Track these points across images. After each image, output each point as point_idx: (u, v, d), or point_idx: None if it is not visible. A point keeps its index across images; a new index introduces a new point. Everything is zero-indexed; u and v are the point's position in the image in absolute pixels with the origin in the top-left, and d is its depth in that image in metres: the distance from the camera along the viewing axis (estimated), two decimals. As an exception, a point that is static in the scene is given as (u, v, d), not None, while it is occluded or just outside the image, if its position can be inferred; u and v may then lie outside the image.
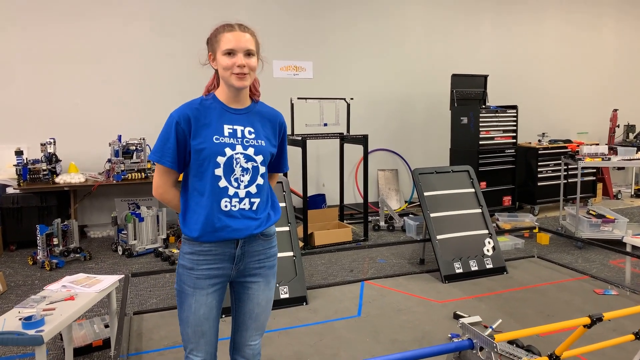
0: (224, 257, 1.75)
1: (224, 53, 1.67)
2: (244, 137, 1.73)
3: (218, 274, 1.75)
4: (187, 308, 1.76)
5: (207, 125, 1.70)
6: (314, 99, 5.80)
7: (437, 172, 4.58)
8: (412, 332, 3.17)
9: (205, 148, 1.67)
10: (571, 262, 4.60)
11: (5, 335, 2.09)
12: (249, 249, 1.78)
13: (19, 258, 4.90)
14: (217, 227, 1.69)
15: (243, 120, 1.76)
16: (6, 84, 5.53)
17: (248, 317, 1.85)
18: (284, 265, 3.71)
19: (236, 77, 1.67)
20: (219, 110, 1.74)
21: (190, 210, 1.74)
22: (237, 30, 1.69)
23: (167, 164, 1.70)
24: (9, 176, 5.23)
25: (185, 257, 1.75)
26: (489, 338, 1.64)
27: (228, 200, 1.70)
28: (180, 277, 1.77)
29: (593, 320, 1.92)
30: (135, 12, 5.92)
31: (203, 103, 1.74)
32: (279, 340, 3.06)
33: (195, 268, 1.73)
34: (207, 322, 1.77)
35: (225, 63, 1.67)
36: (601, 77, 8.78)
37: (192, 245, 1.73)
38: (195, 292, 1.74)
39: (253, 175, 1.73)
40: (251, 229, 1.74)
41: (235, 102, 1.76)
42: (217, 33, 1.71)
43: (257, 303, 1.84)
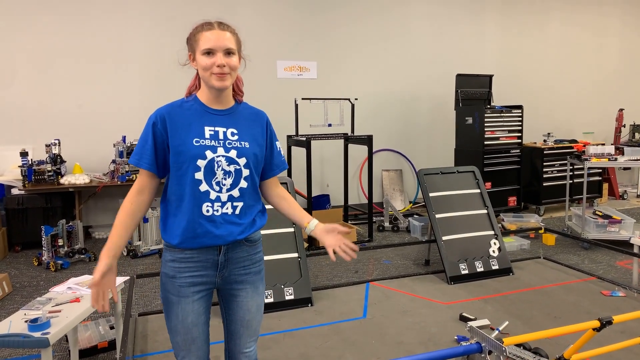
0: (207, 264, 1.68)
1: (203, 53, 1.61)
2: (226, 139, 1.66)
3: (202, 282, 1.69)
4: (174, 317, 1.69)
5: (186, 127, 1.63)
6: (318, 100, 5.79)
7: (442, 172, 4.56)
8: (418, 334, 3.15)
9: (185, 151, 1.60)
10: (578, 263, 4.57)
11: (12, 337, 2.09)
12: (233, 256, 1.71)
13: (24, 259, 4.91)
14: (199, 232, 1.62)
15: (225, 122, 1.69)
16: (11, 85, 5.54)
17: (240, 325, 1.78)
18: (288, 266, 3.70)
19: (216, 77, 1.61)
20: (200, 112, 1.67)
21: (170, 216, 1.67)
22: (217, 28, 1.62)
23: (145, 166, 1.63)
24: (14, 177, 5.25)
25: (167, 265, 1.68)
26: (498, 342, 1.62)
27: (210, 205, 1.62)
28: (163, 286, 1.70)
29: (602, 324, 1.90)
30: (140, 13, 5.93)
31: (183, 105, 1.68)
32: (284, 342, 3.05)
33: (178, 276, 1.66)
34: (196, 329, 1.71)
35: (205, 63, 1.60)
36: (606, 77, 8.73)
37: (174, 252, 1.67)
38: (181, 301, 1.67)
39: (236, 178, 1.66)
40: (234, 234, 1.67)
41: (217, 102, 1.69)
42: (195, 32, 1.65)
43: (247, 310, 1.77)
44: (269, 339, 3.09)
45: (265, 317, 3.41)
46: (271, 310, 3.50)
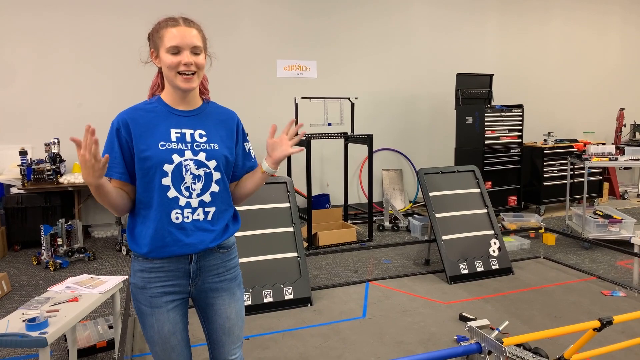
0: (178, 274, 1.59)
1: (168, 50, 1.51)
2: (193, 142, 1.56)
3: (174, 291, 1.60)
4: (149, 328, 1.60)
5: (151, 131, 1.53)
6: (318, 99, 5.78)
7: (442, 172, 4.55)
8: (418, 333, 3.14)
9: (150, 156, 1.51)
10: (578, 263, 4.56)
11: (9, 337, 2.08)
12: (206, 264, 1.62)
13: (23, 258, 4.90)
14: (167, 241, 1.53)
15: (193, 123, 1.59)
16: (10, 85, 5.53)
17: (221, 333, 1.70)
18: (287, 266, 3.69)
19: (182, 78, 1.52)
20: (165, 114, 1.57)
21: (137, 224, 1.57)
22: (182, 24, 1.54)
23: (116, 176, 1.53)
24: (13, 176, 5.24)
25: (136, 276, 1.59)
26: (498, 342, 1.61)
27: (179, 212, 1.54)
28: (134, 297, 1.61)
29: (603, 324, 1.89)
30: (140, 12, 5.91)
31: (146, 107, 1.59)
32: (284, 342, 3.04)
33: (147, 286, 1.57)
34: (174, 337, 1.62)
35: (170, 61, 1.51)
36: (607, 76, 8.71)
37: (142, 262, 1.57)
38: (154, 312, 1.58)
39: (206, 182, 1.57)
40: (206, 242, 1.58)
41: (183, 103, 1.60)
42: (159, 28, 1.56)
43: (227, 317, 1.69)
44: (268, 339, 3.08)
45: (264, 316, 3.41)
46: (270, 309, 3.49)
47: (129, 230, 1.61)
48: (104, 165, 1.39)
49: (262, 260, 3.64)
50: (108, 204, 1.53)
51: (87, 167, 1.36)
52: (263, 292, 3.52)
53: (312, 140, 5.26)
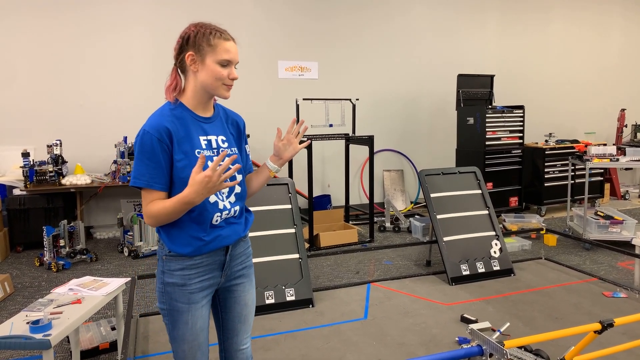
0: (214, 266, 1.69)
1: (220, 62, 1.57)
2: (218, 147, 1.65)
3: (209, 284, 1.69)
4: (182, 325, 1.66)
5: (186, 139, 1.58)
6: (320, 100, 5.79)
7: (443, 173, 4.55)
8: (419, 335, 3.15)
9: (189, 164, 1.54)
10: (579, 264, 4.56)
11: (13, 339, 2.10)
12: (234, 253, 1.74)
13: (25, 259, 4.92)
14: (207, 240, 1.62)
15: (214, 129, 1.67)
16: (13, 86, 5.55)
17: (237, 321, 1.79)
18: (289, 267, 3.70)
19: (227, 88, 1.61)
20: (192, 120, 1.62)
21: (175, 227, 1.60)
22: (231, 40, 1.61)
23: (158, 187, 1.54)
24: (15, 178, 5.26)
25: (175, 275, 1.63)
26: (499, 344, 1.62)
27: (219, 215, 1.64)
28: (170, 296, 1.65)
29: (604, 326, 1.90)
30: (141, 14, 5.93)
31: (174, 113, 1.60)
32: (285, 344, 3.05)
33: (188, 283, 1.63)
34: (202, 334, 1.70)
35: (219, 73, 1.57)
36: (608, 77, 8.71)
37: (182, 261, 1.63)
38: (191, 308, 1.65)
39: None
40: (238, 232, 1.72)
41: (204, 109, 1.66)
42: (210, 36, 1.57)
43: (245, 304, 1.80)
44: (270, 340, 3.09)
45: (266, 318, 3.42)
46: (272, 311, 3.50)
47: (166, 233, 1.62)
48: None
49: (263, 262, 3.65)
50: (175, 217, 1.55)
51: (208, 188, 1.44)
52: (265, 293, 3.53)
53: (314, 142, 5.27)
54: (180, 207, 1.49)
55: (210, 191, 1.45)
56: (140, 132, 1.55)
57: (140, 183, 1.53)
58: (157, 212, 1.52)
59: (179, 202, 1.48)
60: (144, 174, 1.53)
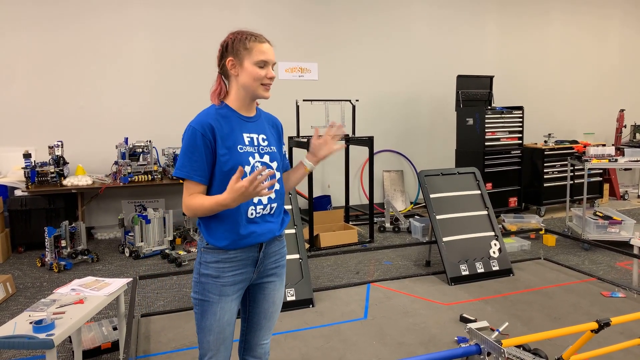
0: (248, 262, 1.76)
1: (257, 64, 1.69)
2: (259, 145, 1.76)
3: (242, 279, 1.77)
4: (211, 316, 1.75)
5: (229, 135, 1.70)
6: (319, 101, 5.81)
7: (443, 174, 4.58)
8: (419, 335, 3.18)
9: (231, 159, 1.67)
10: (578, 264, 4.58)
11: (16, 339, 2.12)
12: (268, 251, 1.81)
13: (27, 260, 4.94)
14: (243, 234, 1.70)
15: (257, 128, 1.79)
16: (13, 87, 5.58)
17: (263, 317, 1.87)
18: (290, 267, 3.72)
19: (265, 88, 1.73)
20: (236, 119, 1.75)
21: (214, 220, 1.71)
22: (267, 43, 1.73)
23: (197, 179, 1.66)
24: (17, 179, 5.28)
25: (210, 267, 1.73)
26: (497, 344, 1.64)
27: (253, 208, 1.72)
28: (203, 287, 1.75)
29: (601, 325, 1.92)
30: (141, 14, 5.95)
31: (219, 112, 1.73)
32: (286, 343, 3.07)
33: (222, 276, 1.73)
34: (229, 328, 1.78)
35: (257, 74, 1.69)
36: (607, 77, 8.74)
37: (218, 253, 1.72)
38: (221, 300, 1.74)
39: None
40: (274, 231, 1.78)
41: (247, 110, 1.79)
42: (246, 41, 1.70)
43: (272, 302, 1.88)
44: (270, 340, 3.11)
45: (266, 318, 3.44)
46: (273, 311, 3.52)
47: (205, 226, 1.73)
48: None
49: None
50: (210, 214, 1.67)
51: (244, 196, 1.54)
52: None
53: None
54: (216, 207, 1.61)
55: (245, 198, 1.55)
56: (187, 128, 1.68)
57: (181, 174, 1.66)
58: (195, 207, 1.65)
59: (216, 204, 1.60)
60: (185, 165, 1.66)
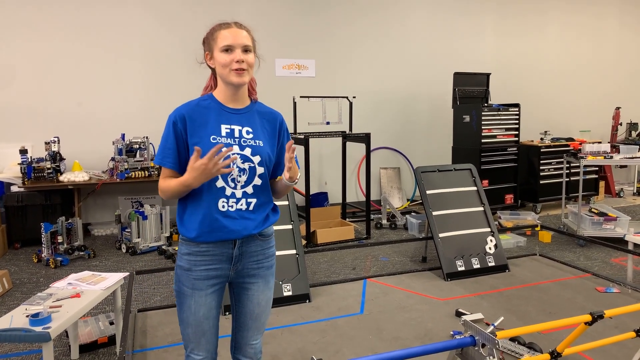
0: (222, 258, 1.73)
1: (222, 50, 1.67)
2: (241, 137, 1.71)
3: (216, 275, 1.74)
4: (186, 309, 1.74)
5: (204, 125, 1.68)
6: (317, 98, 5.82)
7: (439, 170, 4.59)
8: (415, 329, 3.19)
9: (202, 148, 1.63)
10: (573, 260, 4.61)
11: (13, 332, 2.12)
12: (247, 250, 1.76)
13: (23, 256, 4.93)
14: (215, 227, 1.68)
15: (241, 120, 1.74)
16: (10, 83, 5.56)
17: (249, 318, 1.84)
18: (286, 263, 3.73)
19: (235, 73, 1.68)
20: (217, 110, 1.72)
21: (187, 211, 1.72)
22: (234, 27, 1.71)
23: (168, 165, 1.69)
24: (13, 175, 5.27)
25: (183, 258, 1.73)
26: (491, 335, 1.66)
27: (225, 201, 1.68)
28: (178, 278, 1.75)
29: (594, 318, 1.94)
30: (139, 11, 5.94)
31: (200, 103, 1.73)
32: (282, 338, 3.09)
33: (193, 269, 1.71)
34: (207, 322, 1.76)
35: (224, 60, 1.67)
36: (604, 75, 8.77)
37: (190, 245, 1.72)
38: (194, 293, 1.72)
39: (250, 175, 1.71)
40: (249, 229, 1.72)
41: (234, 101, 1.75)
42: (213, 31, 1.72)
43: (257, 303, 1.83)
44: (267, 335, 3.12)
45: (263, 313, 3.45)
46: (269, 306, 3.53)
47: (179, 216, 1.74)
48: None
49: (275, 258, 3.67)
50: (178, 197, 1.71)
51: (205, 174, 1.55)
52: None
53: (311, 139, 5.29)
54: (181, 188, 1.63)
55: (207, 176, 1.57)
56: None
57: (155, 160, 1.74)
58: (164, 188, 1.69)
59: (180, 184, 1.62)
60: (159, 152, 1.71)
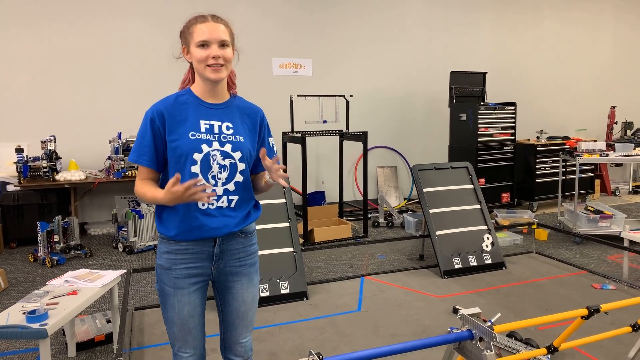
0: (202, 256, 1.69)
1: (198, 45, 1.62)
2: (221, 133, 1.67)
3: (197, 273, 1.70)
4: (170, 308, 1.70)
5: (182, 122, 1.64)
6: (313, 96, 5.82)
7: (436, 168, 4.60)
8: (412, 326, 3.20)
9: (181, 145, 1.62)
10: (569, 258, 4.63)
11: (10, 328, 2.11)
12: (228, 247, 1.72)
13: (19, 255, 4.91)
14: (194, 225, 1.64)
15: (221, 115, 1.70)
16: (6, 82, 5.54)
17: (235, 316, 1.80)
18: (284, 260, 3.73)
19: (211, 69, 1.62)
20: (195, 106, 1.68)
21: (166, 209, 1.67)
22: (210, 21, 1.65)
23: (145, 163, 1.64)
24: (9, 174, 5.25)
25: (163, 257, 1.69)
26: (488, 328, 1.66)
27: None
28: (159, 277, 1.71)
29: (590, 312, 1.95)
30: (134, 9, 5.93)
31: (178, 99, 1.69)
32: (280, 335, 3.09)
33: (173, 267, 1.67)
34: (192, 320, 1.72)
35: (200, 55, 1.61)
36: (599, 74, 8.81)
37: (169, 244, 1.68)
38: (177, 292, 1.68)
39: (231, 172, 1.67)
40: (230, 227, 1.68)
41: (212, 96, 1.70)
42: (189, 25, 1.66)
43: (243, 301, 1.79)
44: (264, 332, 3.13)
45: (261, 310, 3.45)
46: (267, 303, 3.53)
47: (157, 214, 1.71)
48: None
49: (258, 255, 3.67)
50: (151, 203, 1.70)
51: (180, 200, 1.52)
52: (259, 286, 3.56)
53: (308, 137, 5.30)
54: (155, 202, 1.62)
55: (182, 201, 1.53)
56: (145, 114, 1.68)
57: (131, 157, 1.67)
58: (140, 194, 1.65)
59: (154, 199, 1.60)
60: (135, 150, 1.66)
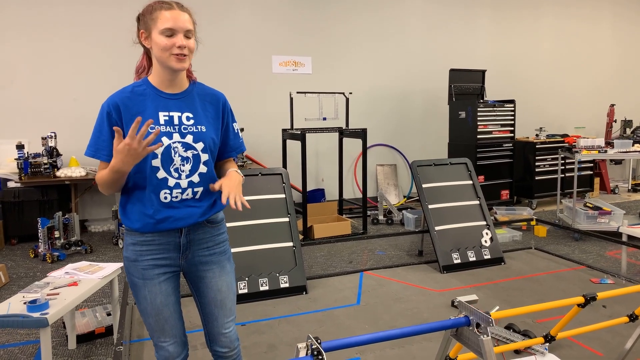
0: (169, 247, 1.66)
1: (163, 32, 1.55)
2: (181, 124, 1.62)
3: (165, 264, 1.67)
4: (142, 299, 1.67)
5: (140, 114, 1.56)
6: (313, 93, 5.84)
7: (435, 164, 4.62)
8: (411, 319, 3.21)
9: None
10: (568, 253, 4.64)
11: (11, 317, 2.13)
12: (195, 237, 1.69)
13: (20, 251, 4.93)
14: (158, 219, 1.60)
15: (180, 106, 1.64)
16: (6, 79, 5.55)
17: (213, 306, 1.76)
18: (283, 255, 3.75)
19: (176, 58, 1.56)
20: (153, 96, 1.62)
21: (129, 202, 1.64)
22: (176, 8, 1.58)
23: (103, 158, 1.58)
24: (10, 170, 5.27)
25: (129, 249, 1.66)
26: (486, 314, 1.68)
27: (168, 192, 1.60)
28: (127, 270, 1.68)
29: (587, 299, 1.96)
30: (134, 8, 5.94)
31: (135, 90, 1.63)
32: (279, 328, 3.10)
33: (139, 259, 1.64)
34: (167, 309, 1.69)
35: (164, 43, 1.55)
36: (598, 72, 8.83)
37: (134, 235, 1.64)
38: (146, 283, 1.65)
39: (194, 164, 1.63)
40: (195, 217, 1.65)
41: (171, 86, 1.64)
42: (152, 10, 1.59)
43: (218, 290, 1.75)
44: (264, 325, 3.14)
45: (260, 304, 3.47)
46: (266, 297, 3.54)
47: (122, 207, 1.67)
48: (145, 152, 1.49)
49: (258, 250, 3.69)
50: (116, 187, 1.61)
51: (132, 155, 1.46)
52: (259, 280, 3.58)
53: (307, 134, 5.31)
54: (112, 175, 1.53)
55: (136, 157, 1.48)
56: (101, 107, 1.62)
57: (88, 152, 1.61)
58: (99, 180, 1.59)
59: (110, 171, 1.52)
60: (92, 145, 1.60)
